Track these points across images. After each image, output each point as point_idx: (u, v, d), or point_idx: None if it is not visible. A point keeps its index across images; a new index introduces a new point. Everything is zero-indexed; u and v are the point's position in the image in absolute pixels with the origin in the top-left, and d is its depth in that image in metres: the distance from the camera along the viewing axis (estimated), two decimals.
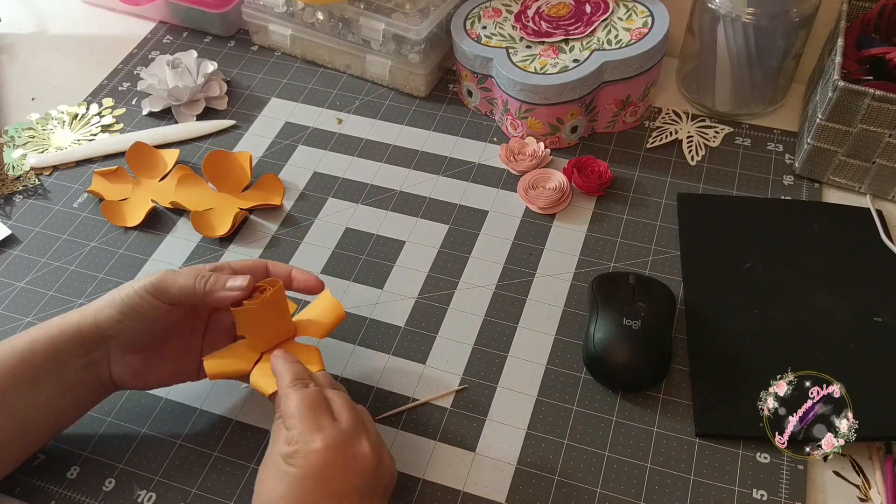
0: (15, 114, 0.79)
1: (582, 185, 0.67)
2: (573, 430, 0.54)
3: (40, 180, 0.73)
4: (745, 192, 0.67)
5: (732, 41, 0.67)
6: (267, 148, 0.74)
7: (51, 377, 0.48)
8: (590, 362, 0.55)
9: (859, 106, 0.60)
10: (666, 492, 0.50)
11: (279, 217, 0.68)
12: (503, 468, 0.52)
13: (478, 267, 0.63)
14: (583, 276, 0.62)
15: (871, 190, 0.66)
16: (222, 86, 0.79)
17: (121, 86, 0.81)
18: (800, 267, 0.61)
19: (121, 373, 0.50)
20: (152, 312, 0.48)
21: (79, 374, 0.49)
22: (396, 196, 0.69)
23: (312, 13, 0.78)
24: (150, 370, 0.51)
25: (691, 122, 0.73)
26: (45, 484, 0.52)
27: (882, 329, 0.57)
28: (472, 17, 0.74)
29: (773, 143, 0.71)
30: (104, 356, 0.50)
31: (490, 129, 0.74)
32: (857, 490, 0.50)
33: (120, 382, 0.51)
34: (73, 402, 0.51)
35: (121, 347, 0.50)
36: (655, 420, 0.54)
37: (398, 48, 0.74)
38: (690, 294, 0.60)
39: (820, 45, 0.72)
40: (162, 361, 0.51)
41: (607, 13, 0.71)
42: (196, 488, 0.52)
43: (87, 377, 0.50)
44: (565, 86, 0.66)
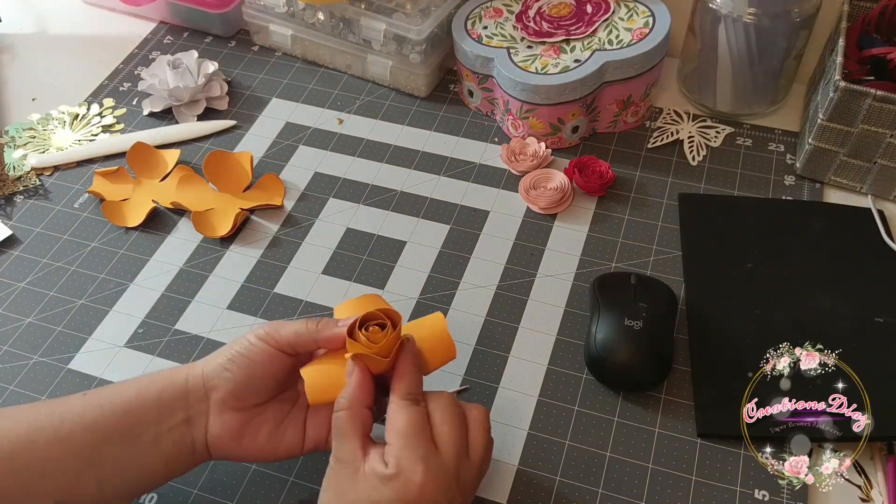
0: (15, 114, 0.79)
1: (583, 186, 0.67)
2: (574, 430, 0.54)
3: (41, 181, 0.73)
4: (746, 192, 0.67)
5: (734, 41, 0.67)
6: (268, 148, 0.74)
7: (149, 432, 0.45)
8: (591, 363, 0.55)
9: (860, 106, 0.59)
10: (668, 492, 0.50)
11: (280, 217, 0.68)
12: (505, 469, 0.52)
13: (479, 267, 0.63)
14: (584, 276, 0.62)
15: (872, 190, 0.66)
16: (223, 86, 0.79)
17: (121, 86, 0.81)
18: (801, 267, 0.61)
19: (218, 431, 0.46)
20: (260, 357, 0.46)
21: (176, 430, 0.45)
22: (397, 196, 0.69)
23: (313, 13, 0.78)
24: (247, 433, 0.47)
25: (692, 123, 0.73)
26: None
27: (883, 329, 0.56)
28: (473, 17, 0.74)
29: (774, 144, 0.71)
30: (204, 410, 0.46)
31: (491, 130, 0.74)
32: (859, 490, 0.50)
33: (214, 446, 0.46)
34: (163, 465, 0.46)
35: (222, 400, 0.46)
36: (657, 420, 0.54)
37: (399, 48, 0.74)
38: (692, 294, 0.60)
39: (821, 45, 0.72)
40: (262, 424, 0.47)
41: (608, 13, 0.71)
42: (197, 489, 0.52)
43: (183, 436, 0.46)
44: (566, 86, 0.66)
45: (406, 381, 0.44)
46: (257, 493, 0.51)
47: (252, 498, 0.51)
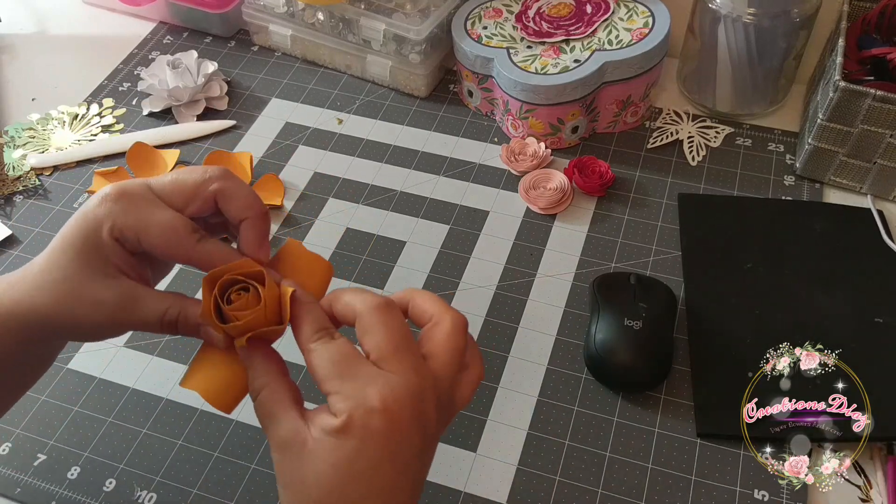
0: (15, 114, 0.79)
1: (583, 186, 0.67)
2: (574, 430, 0.54)
3: (41, 180, 0.73)
4: (745, 192, 0.67)
5: (733, 41, 0.67)
6: (267, 148, 0.74)
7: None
8: (591, 363, 0.55)
9: (860, 106, 0.59)
10: (667, 492, 0.50)
11: (280, 217, 0.68)
12: (504, 469, 0.52)
13: (478, 267, 0.63)
14: (584, 276, 0.62)
15: (872, 190, 0.66)
16: (223, 86, 0.79)
17: (121, 86, 0.81)
18: (801, 267, 0.61)
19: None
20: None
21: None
22: (397, 196, 0.69)
23: (313, 13, 0.78)
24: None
25: (692, 123, 0.73)
26: (45, 484, 0.52)
27: (883, 329, 0.56)
28: (472, 17, 0.74)
29: (773, 144, 0.71)
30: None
31: (491, 130, 0.74)
32: (859, 490, 0.50)
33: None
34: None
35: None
36: (657, 420, 0.54)
37: (399, 48, 0.74)
38: (691, 294, 0.60)
39: (821, 45, 0.72)
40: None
41: (608, 13, 0.71)
42: (196, 488, 0.52)
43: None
44: (566, 86, 0.66)
45: (305, 321, 0.36)
46: (257, 492, 0.51)
47: (252, 498, 0.51)
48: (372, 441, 0.33)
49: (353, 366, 0.35)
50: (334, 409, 0.34)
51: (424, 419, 0.35)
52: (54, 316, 0.38)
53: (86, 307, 0.38)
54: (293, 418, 0.35)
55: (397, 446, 0.34)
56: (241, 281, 0.37)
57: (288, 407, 0.35)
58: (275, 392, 0.36)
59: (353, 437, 0.33)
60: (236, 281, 0.37)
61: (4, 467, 0.53)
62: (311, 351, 0.36)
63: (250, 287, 0.37)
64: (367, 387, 0.33)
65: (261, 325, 0.36)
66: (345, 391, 0.34)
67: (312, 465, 0.34)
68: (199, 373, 0.39)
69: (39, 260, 0.39)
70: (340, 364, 0.35)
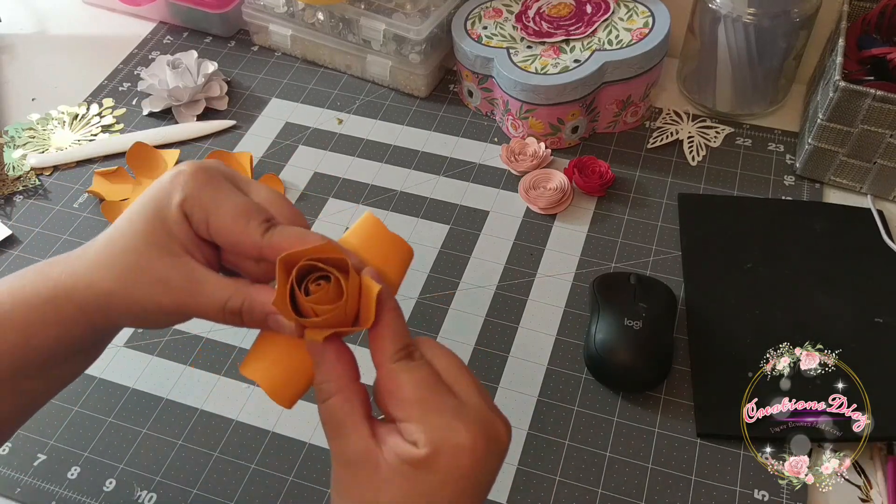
0: (15, 114, 0.79)
1: (583, 186, 0.67)
2: (574, 430, 0.54)
3: (40, 180, 0.73)
4: (745, 192, 0.67)
5: (733, 41, 0.67)
6: (267, 148, 0.74)
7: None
8: (591, 363, 0.55)
9: (860, 106, 0.59)
10: (667, 492, 0.50)
11: None
12: (504, 469, 0.52)
13: (478, 267, 0.63)
14: (584, 276, 0.62)
15: (872, 190, 0.66)
16: (223, 86, 0.79)
17: (121, 86, 0.81)
18: (801, 267, 0.61)
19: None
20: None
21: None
22: (397, 196, 0.69)
23: (313, 13, 0.78)
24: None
25: (692, 123, 0.73)
26: (45, 484, 0.52)
27: (883, 329, 0.56)
28: (472, 17, 0.74)
29: (773, 144, 0.71)
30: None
31: (491, 130, 0.74)
32: (859, 490, 0.50)
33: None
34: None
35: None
36: (657, 420, 0.54)
37: (399, 48, 0.74)
38: (691, 294, 0.60)
39: (821, 45, 0.72)
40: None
41: (608, 13, 0.71)
42: (196, 488, 0.52)
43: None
44: (566, 86, 0.66)
45: (389, 334, 0.34)
46: (257, 492, 0.51)
47: (252, 497, 0.51)
48: (456, 479, 0.32)
49: (439, 395, 0.33)
50: (413, 437, 0.32)
51: (500, 451, 0.34)
52: (114, 294, 0.35)
53: (149, 286, 0.34)
54: (364, 436, 0.33)
55: (478, 484, 0.33)
56: (320, 269, 0.33)
57: (359, 421, 0.33)
58: (347, 401, 0.33)
59: (436, 472, 0.32)
60: (314, 268, 0.33)
61: (4, 467, 0.53)
62: (392, 371, 0.33)
63: (331, 276, 0.33)
64: (454, 421, 0.32)
65: (340, 324, 0.33)
66: (430, 422, 0.32)
67: (387, 492, 0.32)
68: (261, 361, 0.35)
69: (102, 235, 0.36)
70: (425, 391, 0.33)
